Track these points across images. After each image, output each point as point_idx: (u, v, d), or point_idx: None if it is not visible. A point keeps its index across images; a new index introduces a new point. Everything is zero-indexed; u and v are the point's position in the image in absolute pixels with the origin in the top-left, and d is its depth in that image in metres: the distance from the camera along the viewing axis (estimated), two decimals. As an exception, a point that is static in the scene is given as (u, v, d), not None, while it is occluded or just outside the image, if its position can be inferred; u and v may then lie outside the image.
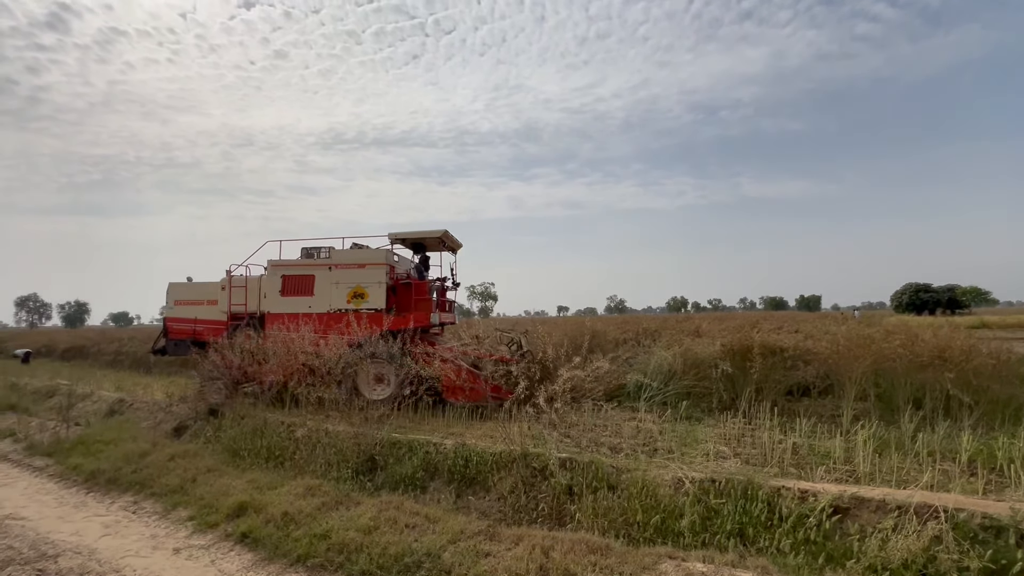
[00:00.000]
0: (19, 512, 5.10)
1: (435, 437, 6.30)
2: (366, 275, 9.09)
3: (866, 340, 7.43)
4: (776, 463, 5.22)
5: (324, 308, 9.13)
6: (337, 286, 9.15)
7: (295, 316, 9.11)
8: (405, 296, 9.38)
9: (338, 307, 9.11)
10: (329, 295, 9.16)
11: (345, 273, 9.19)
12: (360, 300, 9.06)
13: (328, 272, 9.25)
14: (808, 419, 6.63)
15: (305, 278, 9.34)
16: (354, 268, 9.17)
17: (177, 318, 10.40)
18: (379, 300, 8.97)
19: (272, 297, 9.45)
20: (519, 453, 5.37)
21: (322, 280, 9.24)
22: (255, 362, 8.17)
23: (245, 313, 9.75)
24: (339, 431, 6.81)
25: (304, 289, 9.31)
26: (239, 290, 9.89)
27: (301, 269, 9.40)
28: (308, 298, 9.25)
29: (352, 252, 9.56)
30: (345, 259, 9.33)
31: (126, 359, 18.05)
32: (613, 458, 5.32)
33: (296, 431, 6.62)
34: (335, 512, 4.43)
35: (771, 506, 4.15)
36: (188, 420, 8.50)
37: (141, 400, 10.18)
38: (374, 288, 9.02)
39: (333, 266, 9.26)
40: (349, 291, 9.11)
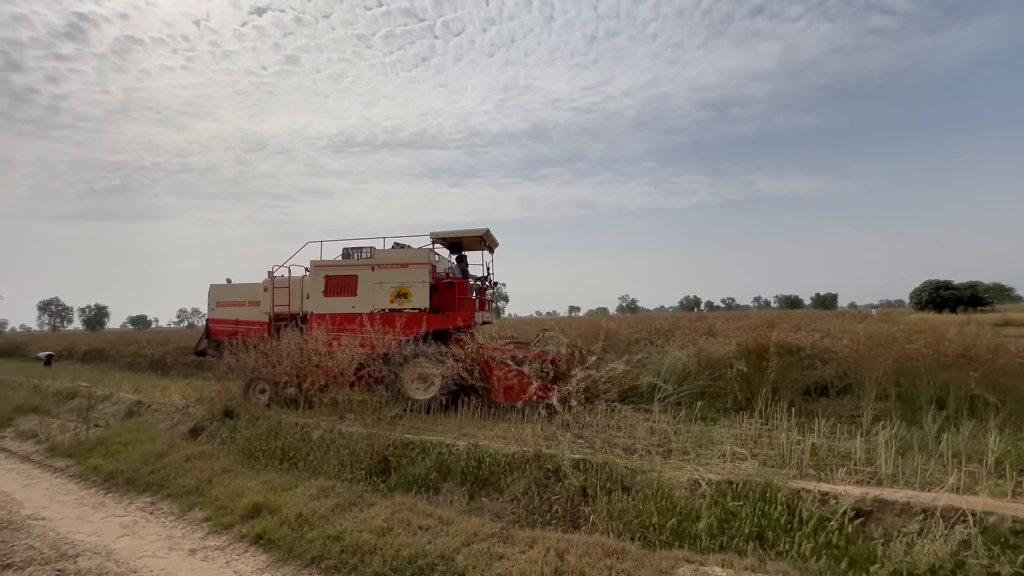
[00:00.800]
0: (40, 512, 5.17)
1: (448, 438, 6.29)
2: (409, 275, 9.05)
3: (888, 339, 7.25)
4: (795, 465, 5.11)
5: (367, 308, 9.08)
6: (380, 286, 9.12)
7: (338, 316, 9.07)
8: (447, 296, 9.32)
9: (381, 307, 9.07)
10: (372, 295, 9.12)
11: (388, 273, 9.15)
12: (403, 300, 9.02)
13: (371, 272, 9.22)
14: (827, 419, 6.50)
15: (348, 278, 9.31)
16: (397, 268, 9.13)
17: (219, 319, 10.44)
18: (422, 300, 8.92)
19: (315, 298, 9.41)
20: (532, 454, 5.33)
21: (365, 280, 9.22)
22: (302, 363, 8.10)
23: (288, 314, 9.76)
24: (352, 432, 6.83)
25: (347, 289, 9.29)
26: (282, 291, 9.90)
27: (344, 269, 9.38)
28: (351, 298, 9.21)
29: (395, 252, 9.52)
30: (388, 259, 9.29)
31: (144, 361, 18.35)
32: (627, 459, 5.25)
33: (312, 433, 6.63)
34: (349, 513, 4.43)
35: (791, 509, 4.05)
36: (204, 422, 8.59)
37: (159, 402, 10.32)
38: (417, 288, 8.96)
39: (376, 266, 9.22)
40: (392, 291, 9.07)
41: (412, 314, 8.86)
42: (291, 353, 8.13)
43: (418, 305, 8.94)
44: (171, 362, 17.07)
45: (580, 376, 6.48)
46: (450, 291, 9.39)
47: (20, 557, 4.11)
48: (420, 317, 8.81)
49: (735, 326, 11.16)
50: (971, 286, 44.12)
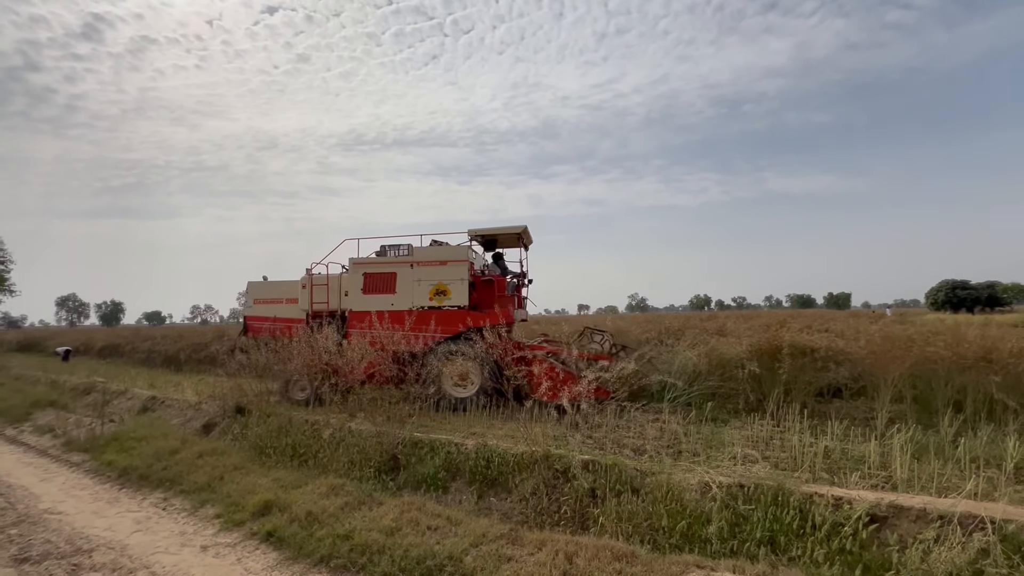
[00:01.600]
0: (57, 506, 5.26)
1: (456, 437, 6.29)
2: (448, 272, 9.01)
3: (905, 341, 7.12)
4: (807, 468, 5.04)
5: (406, 306, 9.07)
6: (419, 283, 9.10)
7: (377, 314, 9.02)
8: (486, 293, 9.29)
9: (420, 304, 9.06)
10: (411, 292, 9.11)
11: (427, 270, 9.11)
12: (442, 297, 8.99)
13: (410, 270, 9.20)
14: (840, 422, 6.40)
15: (387, 276, 9.30)
16: (436, 265, 9.09)
17: (257, 316, 10.51)
18: (461, 297, 8.89)
19: (354, 295, 9.43)
20: (541, 454, 5.31)
21: (404, 278, 9.20)
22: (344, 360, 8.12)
23: (327, 311, 9.80)
24: (362, 430, 6.86)
25: (386, 287, 9.28)
26: (320, 288, 9.92)
27: (383, 267, 9.38)
28: (390, 296, 9.22)
29: (433, 249, 9.48)
30: (427, 256, 9.25)
31: (158, 357, 18.61)
32: (636, 461, 5.21)
33: (323, 431, 6.66)
34: (358, 512, 4.44)
35: (803, 513, 3.99)
36: (216, 418, 8.68)
37: (172, 398, 10.46)
38: (456, 285, 8.92)
39: (415, 263, 9.19)
40: (431, 288, 9.04)
41: (451, 311, 8.84)
42: (329, 350, 8.13)
43: (457, 302, 8.91)
44: (184, 358, 17.29)
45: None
46: (489, 288, 9.35)
47: (37, 551, 4.18)
48: (459, 314, 8.77)
49: (746, 326, 11.05)
50: (989, 286, 43.06)
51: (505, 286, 9.49)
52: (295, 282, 10.27)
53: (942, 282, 45.11)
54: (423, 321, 8.80)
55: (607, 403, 7.13)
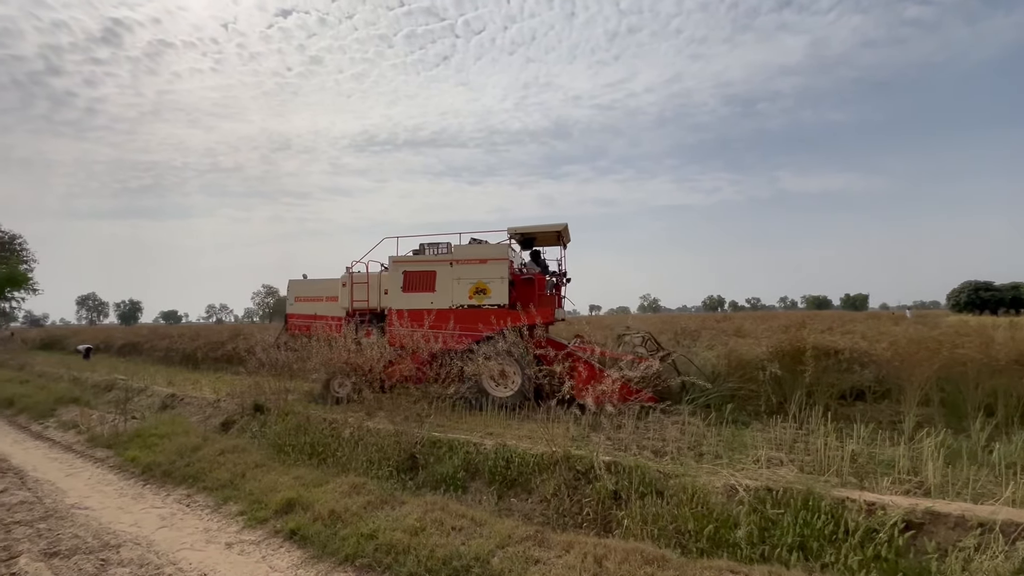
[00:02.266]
0: (83, 502, 5.31)
1: (475, 437, 6.25)
2: (488, 270, 8.91)
3: (932, 343, 6.94)
4: (834, 472, 4.92)
5: (446, 304, 9.02)
6: (459, 282, 9.02)
7: (417, 312, 8.97)
8: (525, 292, 9.17)
9: (460, 303, 8.99)
10: (451, 291, 9.05)
11: (466, 269, 9.03)
12: (482, 296, 8.89)
13: (449, 268, 9.13)
14: (865, 425, 6.25)
15: (426, 274, 9.24)
16: (475, 263, 9.01)
17: (297, 314, 10.52)
18: (501, 296, 8.79)
19: (394, 293, 9.38)
20: (561, 455, 5.24)
21: (443, 276, 9.13)
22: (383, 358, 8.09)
23: (367, 309, 9.84)
24: (380, 429, 6.84)
25: (426, 285, 9.22)
26: (361, 286, 9.95)
27: (422, 265, 9.32)
28: (430, 294, 9.16)
29: (473, 247, 9.37)
30: (466, 254, 9.16)
31: (176, 355, 18.82)
32: (659, 462, 5.13)
33: (343, 431, 6.65)
34: (381, 511, 4.41)
35: (835, 519, 3.89)
36: (235, 416, 8.73)
37: (191, 396, 10.55)
38: (496, 283, 8.82)
39: (454, 262, 9.12)
40: (471, 287, 8.95)
41: (491, 310, 8.73)
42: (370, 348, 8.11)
43: (497, 301, 8.81)
44: (201, 357, 17.46)
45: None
46: (528, 287, 9.21)
47: (66, 546, 4.21)
48: (499, 313, 8.66)
49: (764, 327, 10.88)
50: (1014, 287, 41.77)
51: (545, 285, 9.32)
52: (335, 280, 10.32)
53: (965, 283, 43.95)
54: (463, 319, 8.73)
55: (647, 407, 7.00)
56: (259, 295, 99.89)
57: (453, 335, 8.62)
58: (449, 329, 8.67)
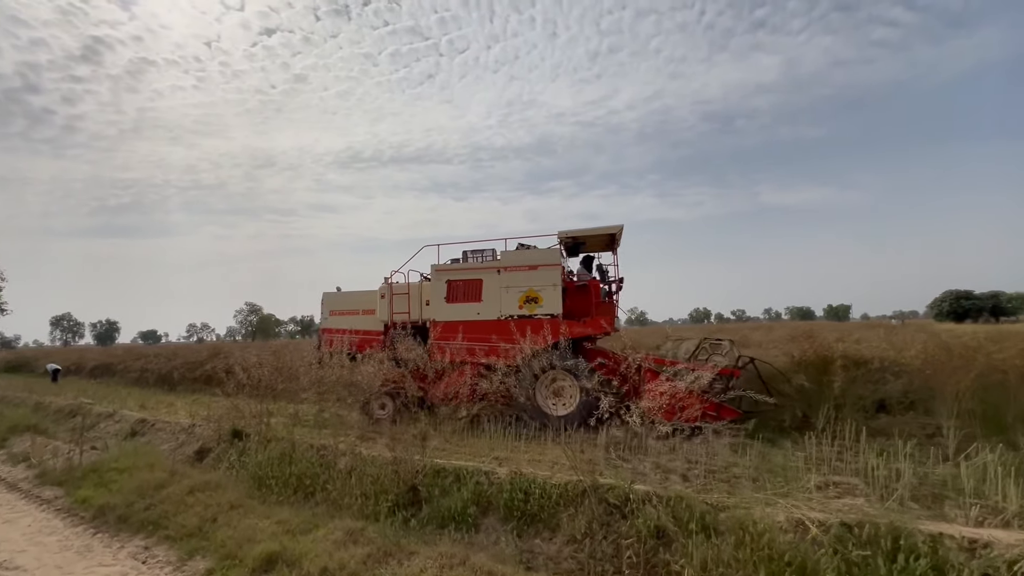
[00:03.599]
0: (15, 559, 4.27)
1: (484, 464, 5.40)
2: (539, 277, 8.05)
3: (967, 350, 6.38)
4: (895, 497, 4.21)
5: (494, 315, 8.15)
6: (507, 290, 8.15)
7: (462, 324, 8.19)
8: (579, 300, 8.27)
9: (509, 313, 8.10)
10: (499, 300, 8.18)
11: (515, 276, 8.17)
12: (533, 305, 8.00)
13: (497, 276, 8.27)
14: (904, 440, 5.60)
15: (472, 283, 8.41)
16: (525, 270, 8.13)
17: (332, 329, 9.58)
18: (554, 304, 7.92)
19: (436, 304, 8.52)
20: (589, 485, 4.43)
21: (491, 284, 8.29)
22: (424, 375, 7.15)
23: (408, 322, 8.93)
24: (376, 457, 5.94)
25: (471, 295, 8.38)
26: (401, 297, 9.04)
27: (468, 273, 8.48)
28: (476, 304, 8.29)
29: (522, 253, 8.48)
30: (515, 261, 8.28)
31: (151, 376, 17.42)
32: (703, 491, 4.35)
33: (335, 460, 5.70)
34: (385, 567, 3.53)
35: (934, 561, 3.16)
36: (211, 443, 7.70)
37: (163, 421, 9.43)
38: (548, 291, 7.96)
39: (502, 269, 8.25)
40: (521, 295, 8.08)
41: (544, 320, 7.83)
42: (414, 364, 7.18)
43: (550, 310, 7.95)
44: (178, 377, 16.16)
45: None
46: (582, 295, 8.31)
47: (-23, 628, 3.21)
48: (553, 323, 7.75)
49: (769, 337, 10.29)
50: (993, 296, 42.46)
51: (599, 292, 8.38)
52: (372, 292, 9.52)
53: (946, 292, 44.41)
54: (513, 331, 7.80)
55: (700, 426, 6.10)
56: (242, 313, 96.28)
57: (502, 348, 7.76)
58: (498, 342, 7.79)
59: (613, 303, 8.40)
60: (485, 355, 7.63)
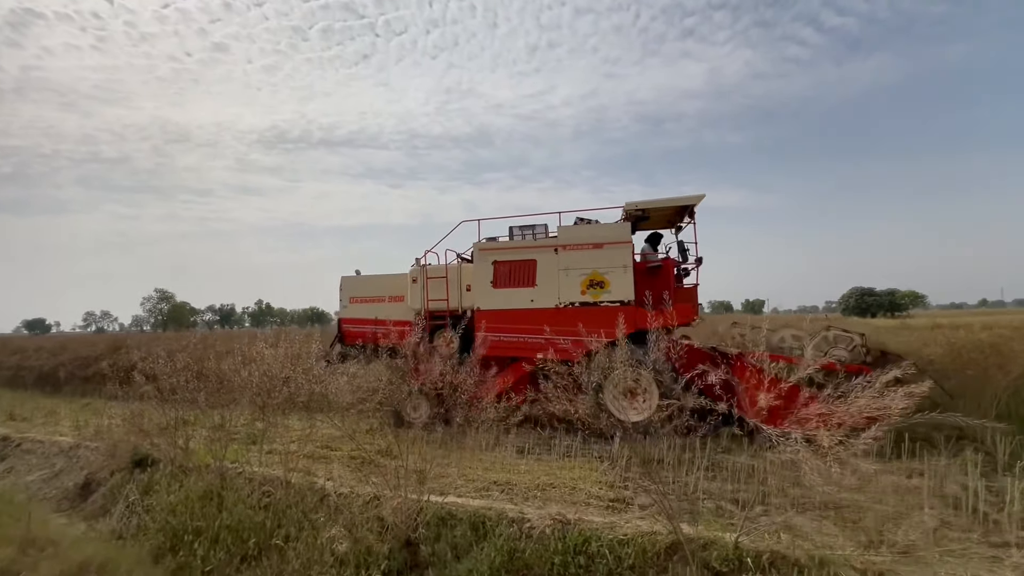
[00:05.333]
0: None
1: (509, 505, 3.91)
2: (605, 257, 6.73)
3: (995, 344, 5.81)
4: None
5: (551, 302, 6.86)
6: (567, 273, 6.85)
7: (512, 313, 6.93)
8: (652, 284, 6.84)
9: (569, 300, 6.81)
10: (556, 285, 6.88)
11: (576, 256, 6.84)
12: (598, 290, 6.73)
13: (554, 256, 6.93)
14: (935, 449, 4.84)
15: (524, 264, 7.06)
16: (588, 249, 6.81)
17: (354, 319, 8.18)
18: (624, 289, 6.63)
19: (480, 289, 7.18)
20: (681, 542, 3.11)
21: (546, 266, 6.96)
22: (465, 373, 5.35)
23: (446, 310, 7.53)
24: (345, 493, 4.26)
25: (523, 278, 7.03)
26: (437, 282, 7.60)
27: (519, 253, 7.12)
28: (528, 290, 6.97)
29: (585, 228, 7.09)
30: (576, 238, 6.92)
31: (29, 375, 13.92)
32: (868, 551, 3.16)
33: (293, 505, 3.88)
34: None
35: None
36: (101, 472, 5.60)
37: (34, 439, 7.00)
38: (617, 274, 6.66)
39: (560, 247, 6.92)
40: (583, 279, 6.79)
41: (611, 308, 6.60)
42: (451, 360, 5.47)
43: (619, 297, 6.66)
44: (65, 376, 12.96)
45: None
46: (655, 278, 6.95)
47: None
48: (624, 312, 6.30)
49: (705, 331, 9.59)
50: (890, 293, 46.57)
51: (672, 274, 7.06)
52: (400, 276, 8.14)
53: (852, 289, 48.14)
54: (574, 321, 6.50)
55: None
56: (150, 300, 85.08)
57: (560, 342, 6.47)
58: (555, 334, 6.53)
59: (694, 288, 7.12)
60: (539, 350, 6.43)
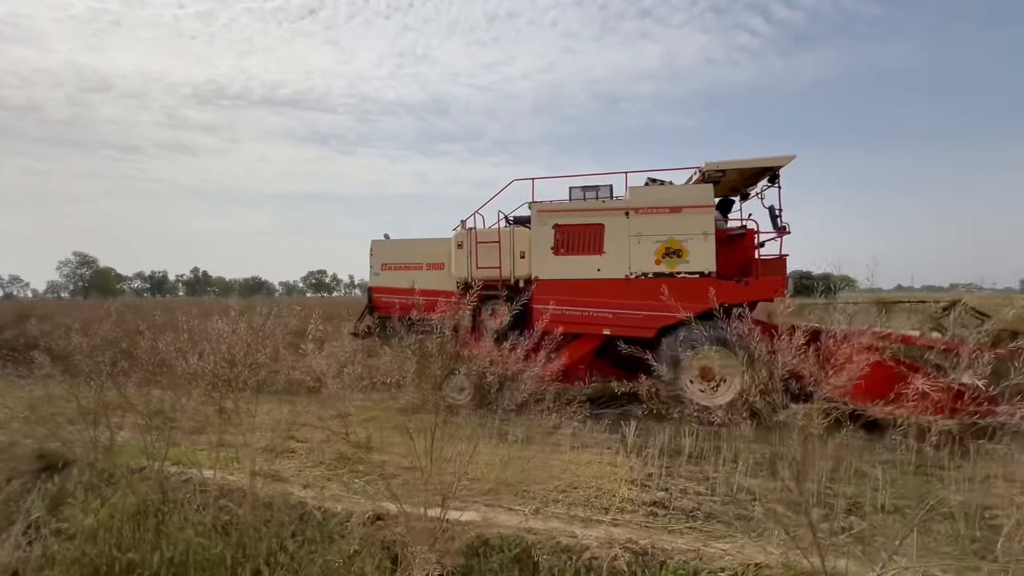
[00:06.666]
0: None
1: (556, 524, 3.05)
2: (684, 223, 6.10)
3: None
4: None
5: (620, 271, 6.23)
6: (639, 239, 6.21)
7: (576, 284, 6.30)
8: (729, 254, 6.41)
9: (642, 270, 6.20)
10: (627, 252, 6.25)
11: (651, 220, 6.20)
12: (675, 260, 6.12)
13: (624, 220, 6.26)
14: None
15: (590, 229, 6.38)
16: (665, 213, 6.17)
17: (386, 288, 7.35)
18: (705, 259, 6.06)
19: (540, 256, 6.50)
20: None
21: (615, 231, 6.30)
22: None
23: (499, 280, 6.77)
24: (333, 509, 3.26)
25: (589, 245, 6.36)
26: (488, 248, 6.79)
27: (584, 216, 6.40)
28: (595, 257, 6.33)
29: (660, 190, 6.47)
30: (650, 200, 6.26)
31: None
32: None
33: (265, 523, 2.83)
34: None
35: None
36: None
37: None
38: (697, 242, 6.06)
39: (631, 210, 6.25)
40: (658, 246, 6.16)
41: (690, 280, 6.06)
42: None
43: (699, 267, 6.08)
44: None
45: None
46: (735, 247, 6.47)
47: None
48: (704, 284, 5.88)
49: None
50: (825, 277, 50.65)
51: (753, 243, 6.48)
52: (440, 240, 7.38)
53: (793, 271, 52.54)
54: (646, 293, 6.00)
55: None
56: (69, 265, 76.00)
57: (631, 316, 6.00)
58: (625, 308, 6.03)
59: (782, 259, 6.43)
60: (606, 325, 6.03)
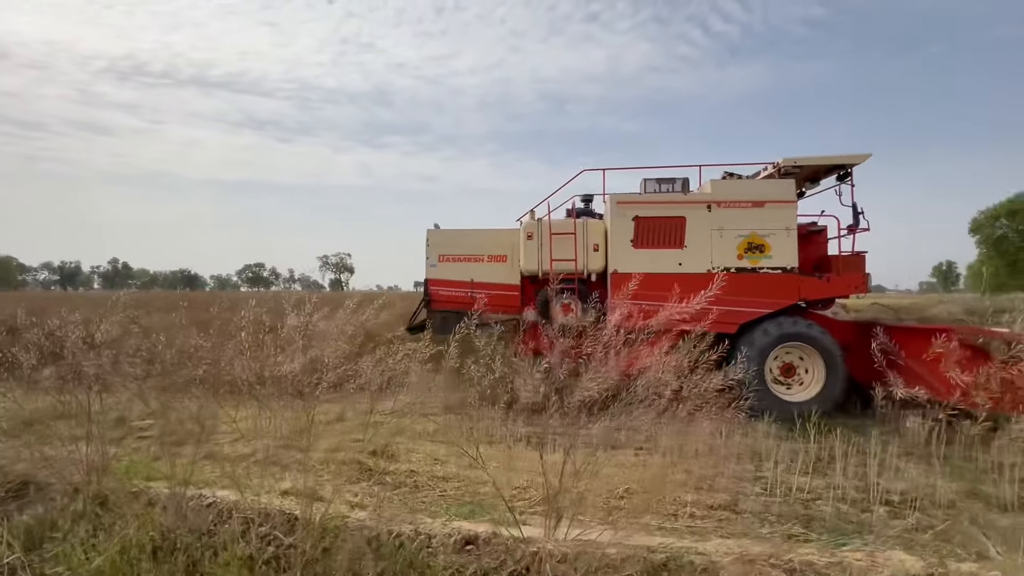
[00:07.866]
0: None
1: (674, 540, 2.86)
2: (767, 218, 6.16)
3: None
4: None
5: (702, 266, 6.22)
6: (721, 234, 6.25)
7: (657, 278, 5.97)
8: (806, 250, 6.44)
9: (724, 264, 6.22)
10: (708, 247, 6.28)
11: (733, 215, 6.23)
12: (758, 255, 6.15)
13: (706, 214, 6.28)
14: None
15: (671, 222, 6.34)
16: (747, 207, 6.21)
17: (444, 280, 7.15)
18: (788, 255, 6.13)
19: (618, 249, 6.42)
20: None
21: (697, 224, 6.31)
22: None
23: (573, 272, 6.62)
24: (404, 532, 2.90)
25: (670, 238, 6.34)
26: (563, 239, 6.66)
27: (665, 209, 6.38)
28: (676, 251, 6.31)
29: (743, 184, 6.53)
30: (733, 194, 6.29)
31: None
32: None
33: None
34: None
35: None
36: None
37: None
38: (780, 237, 6.12)
39: (713, 204, 6.28)
40: (741, 241, 6.20)
41: (773, 276, 6.13)
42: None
43: (781, 263, 6.14)
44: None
45: None
46: (813, 243, 6.60)
47: None
48: (787, 280, 6.10)
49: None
50: None
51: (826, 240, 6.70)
52: (503, 231, 7.25)
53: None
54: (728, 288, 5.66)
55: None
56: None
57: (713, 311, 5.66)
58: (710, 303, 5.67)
59: (862, 256, 6.55)
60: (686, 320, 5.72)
